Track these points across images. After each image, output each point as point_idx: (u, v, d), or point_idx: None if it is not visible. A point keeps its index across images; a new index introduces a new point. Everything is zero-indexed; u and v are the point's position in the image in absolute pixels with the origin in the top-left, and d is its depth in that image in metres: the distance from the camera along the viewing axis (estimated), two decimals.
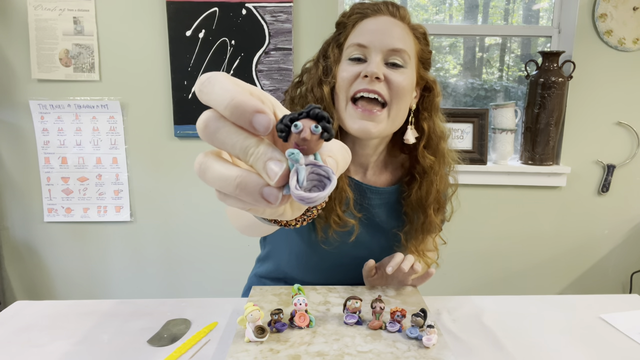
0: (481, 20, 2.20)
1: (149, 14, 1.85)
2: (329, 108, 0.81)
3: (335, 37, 0.84)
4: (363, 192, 0.90)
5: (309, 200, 0.28)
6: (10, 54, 1.86)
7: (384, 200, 0.91)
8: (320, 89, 0.82)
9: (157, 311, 0.88)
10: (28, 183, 1.98)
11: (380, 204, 0.91)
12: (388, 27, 0.78)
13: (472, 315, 0.88)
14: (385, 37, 0.77)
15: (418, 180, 0.87)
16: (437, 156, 0.86)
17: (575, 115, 1.96)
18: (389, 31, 0.77)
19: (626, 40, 1.88)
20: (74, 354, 0.74)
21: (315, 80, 0.83)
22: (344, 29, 0.82)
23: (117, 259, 2.06)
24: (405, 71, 0.79)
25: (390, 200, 0.92)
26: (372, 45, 0.77)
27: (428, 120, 0.86)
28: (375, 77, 0.76)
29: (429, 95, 0.85)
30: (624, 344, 0.79)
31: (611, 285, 2.12)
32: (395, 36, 0.78)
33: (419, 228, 0.89)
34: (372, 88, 0.76)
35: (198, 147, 1.95)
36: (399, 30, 0.79)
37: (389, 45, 0.77)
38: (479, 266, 2.10)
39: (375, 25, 0.78)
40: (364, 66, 0.78)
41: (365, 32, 0.78)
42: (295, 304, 0.72)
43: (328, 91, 0.81)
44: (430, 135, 0.86)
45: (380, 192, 0.91)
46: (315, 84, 0.83)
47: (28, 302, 0.92)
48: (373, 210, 0.91)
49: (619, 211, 2.04)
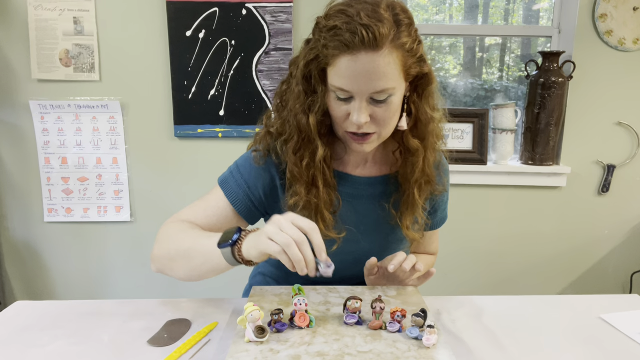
0: (481, 20, 2.20)
1: (149, 14, 1.84)
2: (314, 138, 0.84)
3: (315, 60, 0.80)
4: (356, 185, 0.92)
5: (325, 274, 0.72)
6: (10, 54, 1.87)
7: (378, 190, 0.94)
8: (305, 118, 0.83)
9: (157, 311, 0.88)
10: (28, 183, 1.98)
11: (375, 194, 0.93)
12: (368, 68, 0.74)
13: (472, 315, 0.88)
14: (367, 82, 0.75)
15: (404, 157, 0.90)
16: (423, 139, 0.88)
17: (575, 115, 1.96)
18: (369, 74, 0.74)
19: (626, 40, 1.88)
20: (74, 354, 0.74)
21: (299, 109, 0.83)
22: (323, 56, 0.77)
23: (117, 259, 2.06)
24: (391, 99, 0.78)
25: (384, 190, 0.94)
26: (354, 92, 0.76)
27: (417, 105, 0.86)
28: (363, 123, 0.79)
29: (421, 82, 0.84)
30: (624, 344, 0.79)
31: (611, 285, 2.12)
32: (377, 77, 0.75)
33: (404, 200, 0.91)
34: (360, 131, 0.81)
35: (198, 147, 1.95)
36: (380, 65, 0.74)
37: (372, 89, 0.76)
38: (479, 266, 2.10)
39: (355, 70, 0.74)
40: (351, 107, 0.79)
41: (345, 75, 0.75)
42: (295, 304, 0.72)
43: (314, 123, 0.82)
44: (418, 119, 0.86)
45: (373, 182, 0.93)
46: (300, 112, 0.83)
47: (28, 302, 0.92)
48: (368, 201, 0.94)
49: (619, 211, 2.04)
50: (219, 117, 1.91)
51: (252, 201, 0.92)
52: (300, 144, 0.85)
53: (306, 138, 0.84)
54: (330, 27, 0.74)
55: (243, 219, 0.93)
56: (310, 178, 0.85)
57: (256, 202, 0.92)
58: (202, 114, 1.91)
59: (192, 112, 1.90)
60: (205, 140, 1.94)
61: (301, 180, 0.85)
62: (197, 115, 1.91)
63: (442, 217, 1.06)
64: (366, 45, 0.72)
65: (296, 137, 0.84)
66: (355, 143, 0.83)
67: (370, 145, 0.84)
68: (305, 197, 0.85)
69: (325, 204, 0.87)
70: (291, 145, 0.85)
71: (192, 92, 1.89)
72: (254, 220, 0.95)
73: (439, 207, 1.03)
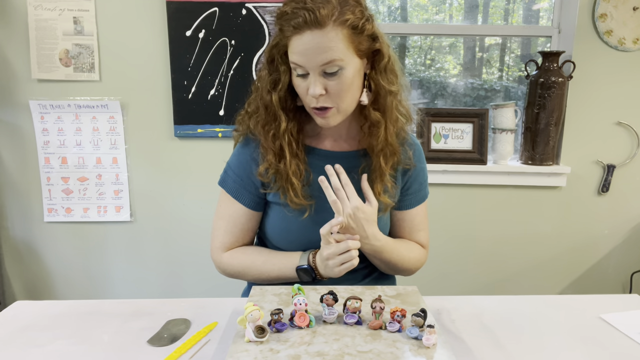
0: (481, 20, 2.20)
1: (149, 14, 1.85)
2: (277, 112, 0.94)
3: (277, 45, 0.91)
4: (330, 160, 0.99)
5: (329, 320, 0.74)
6: (10, 54, 1.87)
7: (350, 164, 1.00)
8: (269, 96, 0.94)
9: (157, 311, 0.89)
10: (28, 183, 1.98)
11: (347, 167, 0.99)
12: (313, 43, 0.84)
13: (472, 315, 0.88)
14: (314, 56, 0.85)
15: (370, 131, 0.98)
16: (384, 111, 0.96)
17: (575, 115, 1.96)
18: (315, 48, 0.84)
19: (626, 40, 1.88)
20: (74, 354, 0.74)
21: (264, 87, 0.95)
22: (283, 36, 0.88)
23: (117, 259, 2.06)
24: (342, 72, 0.87)
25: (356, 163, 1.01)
26: (306, 66, 0.87)
27: (375, 79, 0.94)
28: (319, 95, 0.88)
29: (376, 58, 0.93)
30: (624, 344, 0.79)
31: (611, 285, 2.12)
32: (322, 50, 0.84)
33: (372, 170, 0.99)
34: (319, 105, 0.90)
35: (198, 147, 1.95)
36: (324, 40, 0.84)
37: (320, 62, 0.85)
38: (479, 266, 2.10)
39: (303, 45, 0.85)
40: (308, 81, 0.89)
41: (297, 51, 0.86)
42: (295, 304, 0.72)
43: (276, 99, 0.94)
44: (378, 92, 0.95)
45: (346, 157, 1.01)
46: (264, 90, 0.95)
47: (28, 302, 0.92)
48: None
49: (619, 211, 2.04)
50: (219, 117, 1.91)
51: (251, 192, 1.02)
52: (266, 119, 0.96)
53: (271, 113, 0.95)
54: (283, 13, 0.87)
55: (252, 209, 1.03)
56: (278, 148, 0.96)
57: (254, 191, 1.02)
58: (202, 114, 1.91)
59: (192, 112, 1.90)
60: (205, 140, 1.94)
61: (270, 151, 0.96)
62: (197, 115, 1.91)
63: (422, 194, 1.10)
64: (309, 25, 0.83)
65: (263, 113, 0.96)
66: (319, 117, 0.93)
67: (333, 119, 0.93)
68: (275, 165, 0.96)
69: (294, 173, 0.96)
70: (260, 120, 0.97)
71: (192, 92, 1.89)
72: (262, 208, 1.05)
73: (414, 182, 1.08)
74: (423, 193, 1.10)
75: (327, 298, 0.74)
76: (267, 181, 0.98)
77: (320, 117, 0.92)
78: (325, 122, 0.93)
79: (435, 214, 1.13)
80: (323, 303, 0.75)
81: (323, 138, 1.03)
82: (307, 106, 0.94)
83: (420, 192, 1.09)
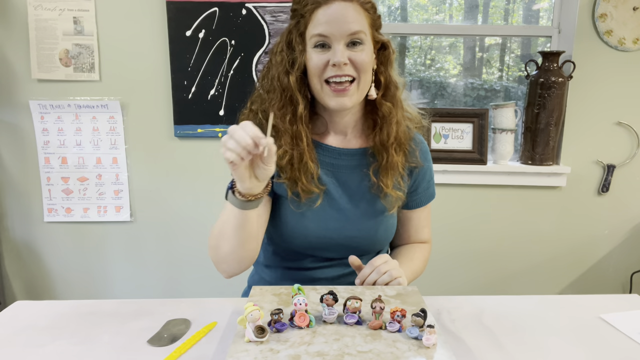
0: (481, 20, 2.20)
1: (149, 14, 1.85)
2: (295, 95, 0.93)
3: (296, 26, 0.93)
4: (336, 156, 1.00)
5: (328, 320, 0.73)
6: (10, 54, 1.87)
7: (357, 161, 1.00)
8: (287, 78, 0.93)
9: (157, 311, 0.88)
10: (28, 183, 1.98)
11: (354, 165, 1.00)
12: (342, 13, 0.87)
13: (472, 315, 0.88)
14: (342, 25, 0.87)
15: (380, 125, 0.99)
16: (394, 103, 0.98)
17: (575, 115, 1.96)
18: (343, 17, 0.87)
19: (626, 40, 1.88)
20: (74, 354, 0.74)
21: (282, 70, 0.94)
22: (302, 17, 0.91)
23: (117, 259, 2.06)
24: (365, 47, 0.90)
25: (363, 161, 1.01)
26: (332, 35, 0.88)
27: (384, 73, 0.97)
28: (342, 64, 0.88)
29: (385, 52, 0.97)
30: (624, 344, 0.79)
31: (611, 285, 2.12)
32: (350, 20, 0.88)
33: (383, 166, 0.99)
34: (341, 73, 0.89)
35: (198, 147, 1.95)
36: (352, 12, 0.88)
37: (347, 30, 0.88)
38: (479, 266, 2.10)
39: (330, 15, 0.87)
40: (330, 54, 0.89)
41: (322, 22, 0.88)
42: (295, 304, 0.72)
43: (294, 80, 0.93)
44: (387, 86, 0.98)
45: (353, 154, 1.01)
46: (282, 72, 0.94)
47: (28, 302, 0.92)
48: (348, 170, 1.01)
49: (619, 211, 2.04)
50: (219, 117, 1.91)
51: None
52: (283, 102, 0.94)
53: (288, 95, 0.94)
54: None
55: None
56: (294, 132, 0.95)
57: None
58: (202, 114, 1.91)
59: (192, 112, 1.90)
60: (205, 140, 1.94)
61: (286, 135, 0.94)
62: (197, 115, 1.91)
63: (430, 193, 1.10)
64: None
65: (280, 95, 0.95)
66: (336, 96, 0.91)
67: (350, 98, 0.92)
68: (290, 149, 0.94)
69: (310, 157, 0.95)
70: (275, 103, 0.95)
71: (192, 92, 1.89)
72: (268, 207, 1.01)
73: (422, 181, 1.08)
74: (431, 191, 1.10)
75: (327, 298, 0.74)
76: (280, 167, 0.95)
77: (339, 94, 0.91)
78: (341, 102, 0.92)
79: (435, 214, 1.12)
80: (323, 303, 0.75)
81: (329, 135, 1.02)
82: (319, 84, 0.92)
83: (428, 190, 1.09)
